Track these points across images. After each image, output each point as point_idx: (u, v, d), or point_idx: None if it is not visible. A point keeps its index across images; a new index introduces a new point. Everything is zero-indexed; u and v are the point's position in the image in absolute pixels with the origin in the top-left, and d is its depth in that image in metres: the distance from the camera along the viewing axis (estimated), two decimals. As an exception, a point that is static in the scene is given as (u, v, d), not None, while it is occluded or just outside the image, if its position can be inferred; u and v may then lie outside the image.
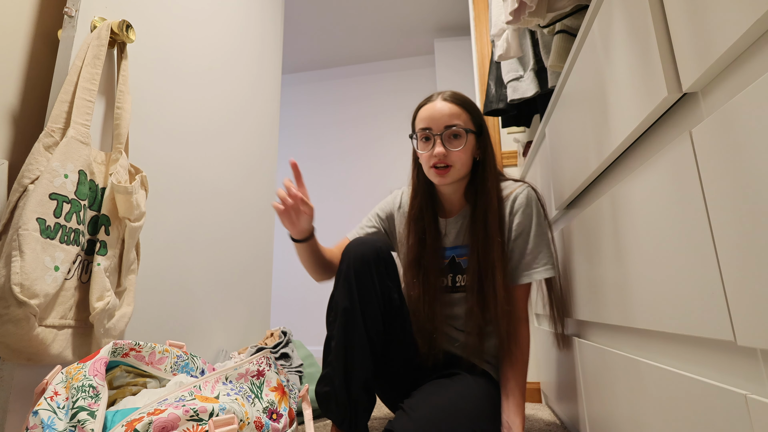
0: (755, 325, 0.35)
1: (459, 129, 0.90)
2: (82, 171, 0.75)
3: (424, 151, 0.92)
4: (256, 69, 1.59)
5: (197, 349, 1.14)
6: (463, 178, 0.95)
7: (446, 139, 0.89)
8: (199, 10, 1.24)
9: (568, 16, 1.04)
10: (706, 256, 0.41)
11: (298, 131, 3.58)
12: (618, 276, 0.64)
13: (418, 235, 0.96)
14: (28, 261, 0.64)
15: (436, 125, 0.90)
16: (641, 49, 0.52)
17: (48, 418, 0.51)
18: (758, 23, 0.33)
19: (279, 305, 3.21)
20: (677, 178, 0.46)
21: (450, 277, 1.00)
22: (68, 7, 0.81)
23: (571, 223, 0.91)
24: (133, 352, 0.67)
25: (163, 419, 0.51)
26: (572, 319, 0.96)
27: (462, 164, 0.91)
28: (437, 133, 0.90)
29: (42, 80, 0.87)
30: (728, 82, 0.39)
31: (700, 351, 0.45)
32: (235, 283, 1.37)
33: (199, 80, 1.23)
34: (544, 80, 1.31)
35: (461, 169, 0.92)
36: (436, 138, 0.90)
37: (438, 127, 0.90)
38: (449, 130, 0.89)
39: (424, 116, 0.92)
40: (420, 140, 0.93)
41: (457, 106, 0.92)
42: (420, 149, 0.93)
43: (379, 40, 3.22)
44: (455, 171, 0.91)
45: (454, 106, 0.91)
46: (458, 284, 0.99)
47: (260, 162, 1.59)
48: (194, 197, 1.18)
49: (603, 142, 0.66)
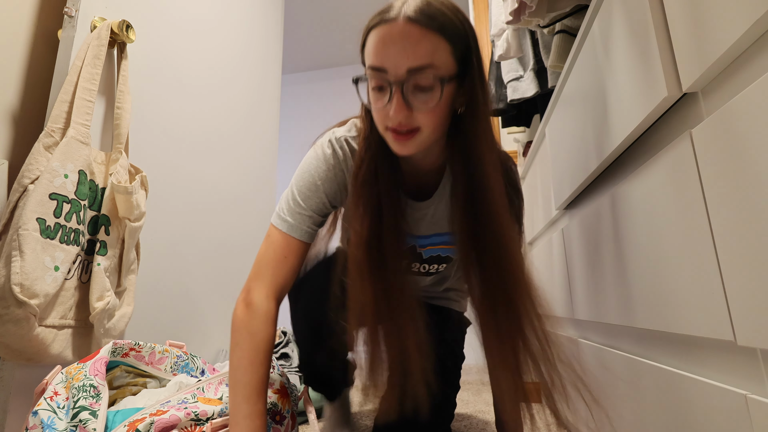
0: (755, 325, 0.35)
1: (429, 77, 0.54)
2: (82, 171, 0.75)
3: (377, 103, 0.58)
4: (259, 71, 1.59)
5: (197, 349, 1.14)
6: (437, 139, 0.63)
7: (410, 92, 0.55)
8: (201, 12, 1.24)
9: (568, 16, 1.04)
10: (706, 256, 0.41)
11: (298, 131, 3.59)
12: (618, 276, 0.64)
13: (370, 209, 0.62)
14: (28, 261, 0.64)
15: (395, 67, 0.54)
16: (641, 49, 0.52)
17: (48, 418, 0.51)
18: (758, 23, 0.33)
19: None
20: (677, 178, 0.46)
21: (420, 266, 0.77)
22: (68, 7, 0.81)
23: (571, 223, 0.91)
24: (132, 352, 0.67)
25: (165, 420, 0.51)
26: (572, 319, 0.96)
27: (434, 126, 0.58)
28: (396, 81, 0.54)
29: (42, 80, 0.87)
30: (728, 82, 0.39)
31: (700, 351, 0.45)
32: (235, 283, 1.37)
33: (201, 81, 1.23)
34: (544, 80, 1.31)
35: (432, 134, 0.59)
36: (394, 88, 0.55)
37: (397, 70, 0.54)
38: (416, 75, 0.54)
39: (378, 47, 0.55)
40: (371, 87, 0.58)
41: (430, 31, 0.54)
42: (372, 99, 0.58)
43: (379, 40, 3.22)
44: (423, 136, 0.58)
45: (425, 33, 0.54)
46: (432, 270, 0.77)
47: (261, 162, 1.59)
48: (194, 197, 1.18)
49: (603, 142, 0.66)
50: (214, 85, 1.31)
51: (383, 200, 0.63)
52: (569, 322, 1.02)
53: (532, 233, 1.48)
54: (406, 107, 0.55)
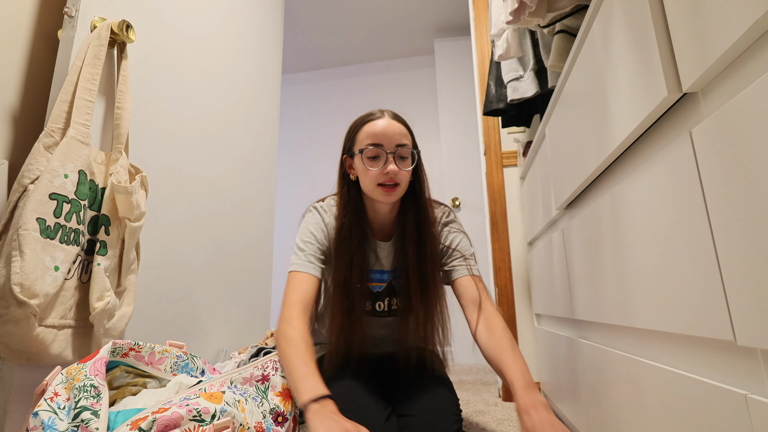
0: (755, 325, 0.35)
1: (408, 149, 0.89)
2: (82, 171, 0.75)
3: (372, 167, 0.88)
4: (260, 70, 1.59)
5: (197, 349, 1.14)
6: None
7: (397, 158, 0.88)
8: (201, 12, 1.24)
9: (568, 16, 1.04)
10: (706, 256, 0.41)
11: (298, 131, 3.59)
12: (618, 276, 0.64)
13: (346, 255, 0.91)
14: (28, 261, 0.64)
15: (389, 143, 0.87)
16: (641, 49, 0.52)
17: (49, 419, 0.51)
18: (758, 23, 0.33)
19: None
20: (677, 178, 0.46)
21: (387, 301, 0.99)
22: (68, 7, 0.81)
23: (571, 223, 0.91)
24: (132, 352, 0.67)
25: (167, 417, 0.51)
26: (572, 319, 0.96)
27: (406, 183, 0.91)
28: (390, 151, 0.87)
29: (42, 80, 0.87)
30: (728, 82, 0.39)
31: (700, 351, 0.45)
32: (235, 283, 1.37)
33: (201, 81, 1.23)
34: (544, 80, 1.31)
35: (404, 189, 0.91)
36: (388, 156, 0.87)
37: (390, 144, 0.87)
38: (401, 149, 0.88)
39: (375, 132, 0.88)
40: (366, 157, 0.88)
41: (404, 126, 0.92)
42: (368, 166, 0.88)
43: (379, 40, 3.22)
44: (400, 190, 0.89)
45: (402, 126, 0.91)
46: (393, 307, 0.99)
47: (261, 162, 1.59)
48: (194, 197, 1.18)
49: (603, 142, 0.66)
50: (214, 84, 1.31)
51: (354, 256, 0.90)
52: (569, 322, 1.02)
53: (532, 233, 1.48)
54: (395, 167, 0.87)
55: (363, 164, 0.89)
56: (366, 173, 0.89)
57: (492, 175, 1.81)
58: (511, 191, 1.79)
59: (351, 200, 0.93)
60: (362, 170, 0.90)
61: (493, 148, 1.84)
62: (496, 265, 1.73)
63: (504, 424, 1.25)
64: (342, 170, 0.96)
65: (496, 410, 1.42)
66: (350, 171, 0.95)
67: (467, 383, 1.91)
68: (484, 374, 2.15)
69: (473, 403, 1.52)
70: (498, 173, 1.81)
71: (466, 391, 1.76)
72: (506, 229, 1.75)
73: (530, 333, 1.65)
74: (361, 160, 0.89)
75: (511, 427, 1.23)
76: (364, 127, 0.91)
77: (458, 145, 2.84)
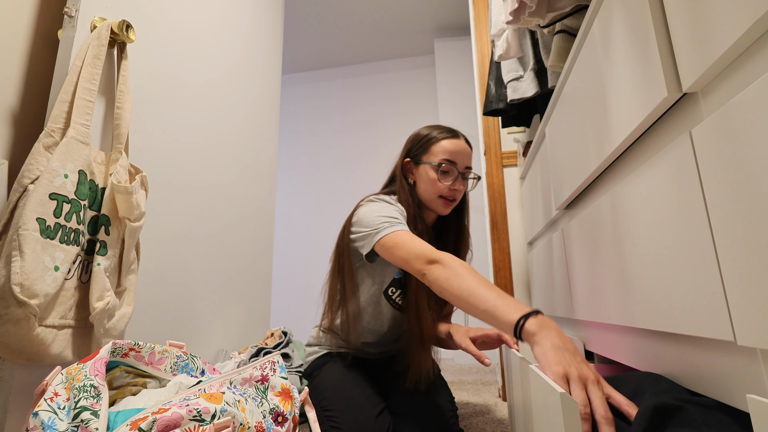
0: (755, 325, 0.35)
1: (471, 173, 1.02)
2: (82, 171, 0.75)
3: (443, 181, 0.98)
4: (260, 70, 1.59)
5: (197, 349, 1.14)
6: None
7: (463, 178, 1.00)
8: (201, 11, 1.24)
9: (568, 16, 1.04)
10: (706, 256, 0.41)
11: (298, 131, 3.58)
12: (618, 276, 0.64)
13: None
14: (28, 261, 0.64)
15: (462, 163, 0.99)
16: (641, 49, 0.52)
17: (49, 419, 0.51)
18: (758, 23, 0.33)
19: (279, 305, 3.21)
20: (677, 178, 0.46)
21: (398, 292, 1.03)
22: (68, 7, 0.81)
23: (571, 223, 0.91)
24: (132, 352, 0.67)
25: (167, 418, 0.51)
26: (572, 319, 0.96)
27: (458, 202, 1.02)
28: (461, 171, 0.98)
29: (42, 80, 0.86)
30: (728, 82, 0.39)
31: (700, 351, 0.45)
32: (235, 282, 1.37)
33: (201, 81, 1.23)
34: (544, 80, 1.31)
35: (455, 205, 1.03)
36: (459, 174, 0.98)
37: (462, 165, 0.99)
38: (468, 170, 1.01)
39: (452, 149, 0.98)
40: (440, 171, 0.98)
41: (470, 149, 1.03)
42: (440, 179, 0.98)
43: (379, 40, 3.22)
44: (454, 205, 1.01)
45: (471, 151, 1.02)
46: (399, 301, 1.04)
47: (261, 163, 1.59)
48: (194, 198, 1.18)
49: (603, 142, 0.66)
50: (215, 85, 1.31)
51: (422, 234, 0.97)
52: (569, 322, 1.02)
53: (532, 233, 1.48)
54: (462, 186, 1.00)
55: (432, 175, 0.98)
56: (433, 184, 0.98)
57: (492, 175, 1.81)
58: (511, 191, 1.79)
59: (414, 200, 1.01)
60: (428, 180, 0.99)
61: (493, 148, 1.84)
62: (496, 265, 1.73)
63: (504, 425, 1.25)
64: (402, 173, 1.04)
65: (496, 410, 1.42)
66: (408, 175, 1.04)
67: (467, 383, 1.91)
68: (484, 374, 2.14)
69: (473, 403, 1.52)
70: (498, 173, 1.81)
71: (466, 391, 1.76)
72: (506, 229, 1.75)
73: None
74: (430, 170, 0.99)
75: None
76: (442, 142, 0.99)
77: (458, 145, 2.83)
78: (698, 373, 0.45)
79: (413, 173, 1.03)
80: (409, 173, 1.04)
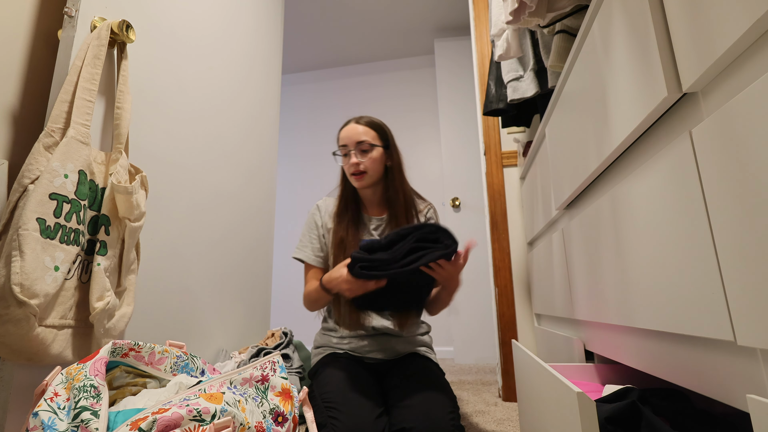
0: (755, 325, 0.35)
1: (367, 144, 1.14)
2: (82, 171, 0.75)
3: (345, 163, 1.17)
4: (260, 70, 1.59)
5: (197, 349, 1.14)
6: (377, 182, 1.18)
7: (359, 152, 1.13)
8: (201, 11, 1.24)
9: (568, 16, 1.04)
10: (706, 256, 0.41)
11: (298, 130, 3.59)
12: (618, 276, 0.64)
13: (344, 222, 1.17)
14: (28, 261, 0.64)
15: (351, 142, 1.14)
16: (641, 49, 0.52)
17: (49, 419, 0.51)
18: (758, 23, 0.33)
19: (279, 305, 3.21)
20: (677, 178, 0.46)
21: None
22: (68, 7, 0.81)
23: (571, 223, 0.91)
24: (132, 352, 0.67)
25: (167, 418, 0.51)
26: (572, 319, 0.96)
27: (374, 170, 1.15)
28: (352, 149, 1.14)
29: (42, 80, 0.86)
30: (728, 82, 0.39)
31: (700, 351, 0.45)
32: (235, 283, 1.37)
33: (201, 81, 1.23)
34: (544, 80, 1.31)
35: (374, 174, 1.15)
36: (351, 152, 1.14)
37: (352, 143, 1.14)
38: (360, 145, 1.13)
39: (342, 136, 1.16)
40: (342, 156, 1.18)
41: (366, 126, 1.16)
42: (343, 162, 1.18)
43: (379, 40, 3.22)
44: (369, 176, 1.14)
45: (364, 127, 1.16)
46: None
47: (261, 162, 1.59)
48: (194, 197, 1.18)
49: (603, 142, 0.66)
50: (214, 85, 1.31)
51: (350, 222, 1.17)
52: (569, 322, 1.02)
53: (532, 233, 1.48)
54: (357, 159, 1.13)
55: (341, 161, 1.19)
56: (344, 167, 1.18)
57: (492, 175, 1.81)
58: (511, 191, 1.79)
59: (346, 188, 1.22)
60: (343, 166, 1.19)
61: (493, 148, 1.84)
62: (496, 265, 1.73)
63: (504, 424, 1.25)
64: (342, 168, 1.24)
65: (496, 410, 1.42)
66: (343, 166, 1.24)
67: (467, 383, 1.91)
68: (484, 374, 2.14)
69: (473, 403, 1.52)
70: (498, 173, 1.81)
71: (466, 391, 1.76)
72: (506, 229, 1.75)
73: (530, 333, 1.65)
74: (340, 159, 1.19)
75: (511, 427, 1.23)
76: (339, 133, 1.19)
77: (458, 145, 2.84)
78: (698, 373, 0.45)
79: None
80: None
